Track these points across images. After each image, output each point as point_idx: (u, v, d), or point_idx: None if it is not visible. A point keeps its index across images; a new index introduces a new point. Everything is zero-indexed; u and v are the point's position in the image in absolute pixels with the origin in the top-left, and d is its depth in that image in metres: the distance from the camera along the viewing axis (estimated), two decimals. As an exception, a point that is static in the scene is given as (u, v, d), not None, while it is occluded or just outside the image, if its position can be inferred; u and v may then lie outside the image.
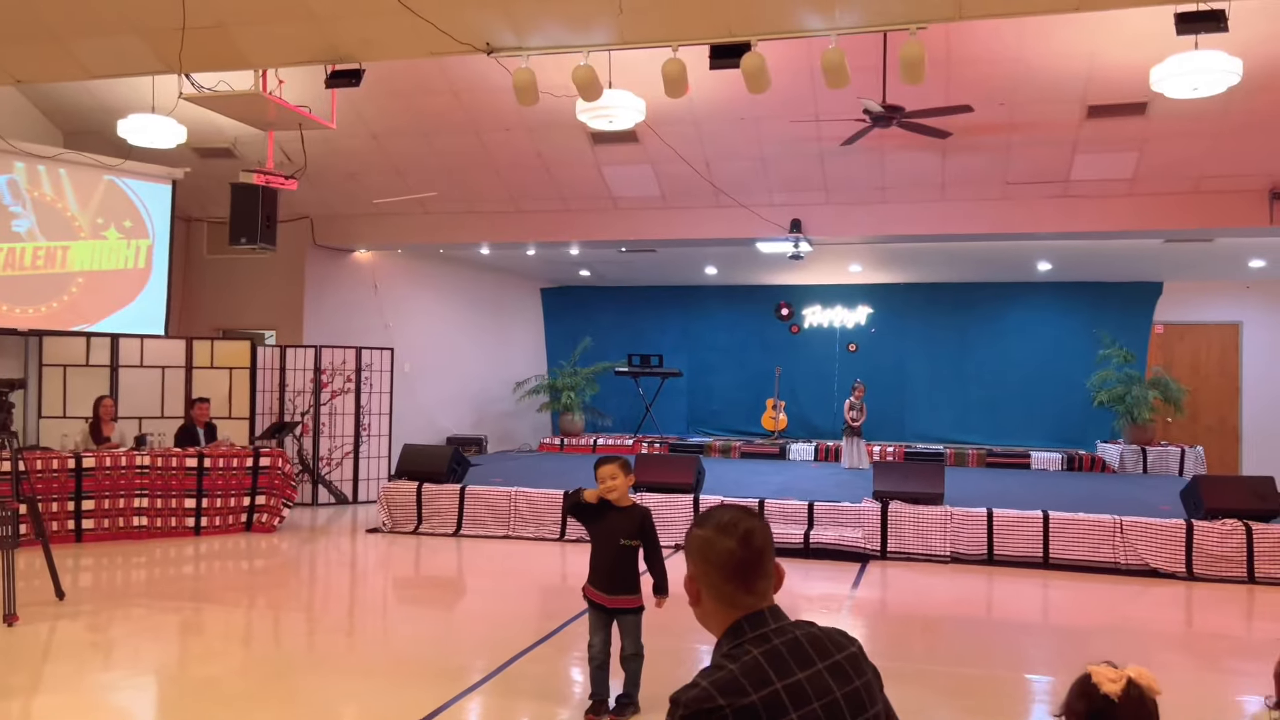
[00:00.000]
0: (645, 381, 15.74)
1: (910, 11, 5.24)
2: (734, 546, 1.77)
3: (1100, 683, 1.86)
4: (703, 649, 5.74)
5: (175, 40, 5.88)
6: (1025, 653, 6.09)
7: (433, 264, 14.46)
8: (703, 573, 1.79)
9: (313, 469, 11.72)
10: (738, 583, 1.77)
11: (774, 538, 1.84)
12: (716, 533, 1.79)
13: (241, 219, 8.91)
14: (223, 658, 5.66)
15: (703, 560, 1.79)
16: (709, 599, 1.79)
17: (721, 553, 1.77)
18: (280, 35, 5.97)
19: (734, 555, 1.77)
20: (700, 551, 1.80)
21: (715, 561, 1.78)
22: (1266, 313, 13.65)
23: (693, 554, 1.82)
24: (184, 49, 5.84)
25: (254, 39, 6.02)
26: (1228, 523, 8.13)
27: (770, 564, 1.80)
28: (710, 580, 1.78)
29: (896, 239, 11.39)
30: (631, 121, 8.38)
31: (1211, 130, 8.97)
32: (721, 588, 1.77)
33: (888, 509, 8.78)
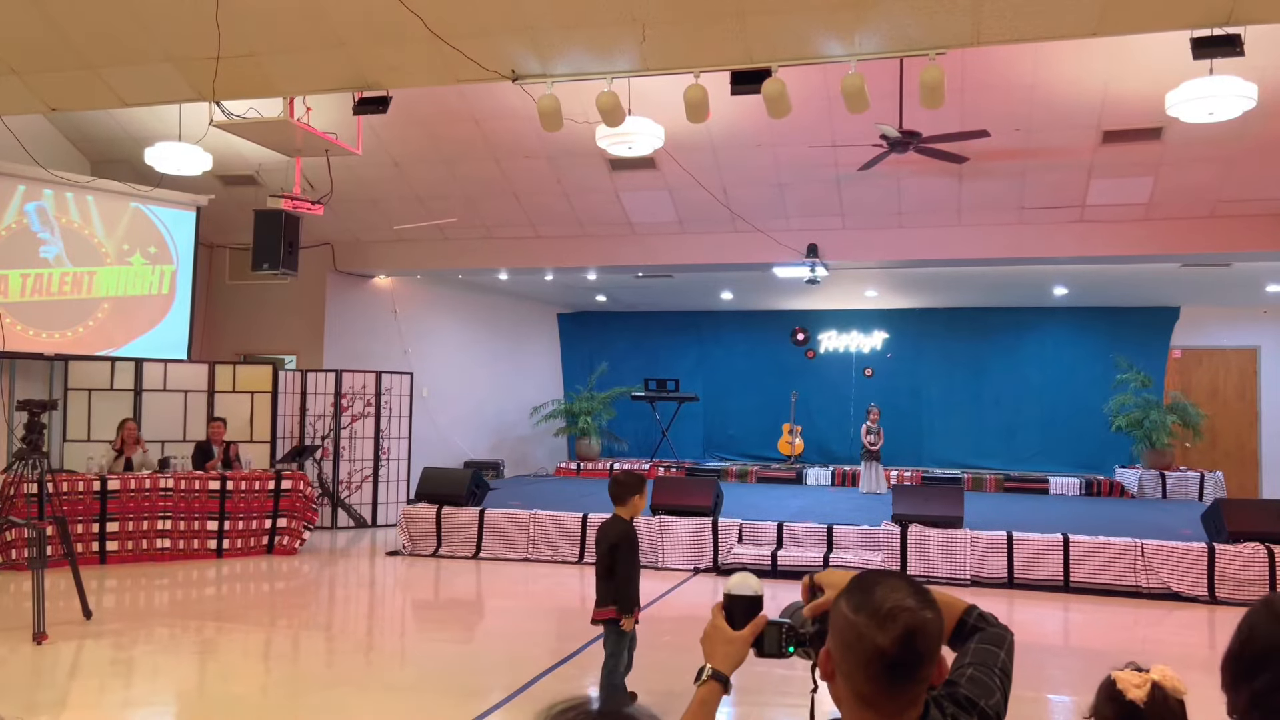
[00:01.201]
0: (661, 406, 15.78)
1: (929, 37, 5.32)
2: (888, 646, 1.37)
3: (1125, 689, 1.87)
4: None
5: (209, 69, 6.01)
6: (1047, 673, 6.07)
7: (451, 289, 14.58)
8: (842, 660, 1.42)
9: (333, 492, 11.78)
10: (881, 685, 1.39)
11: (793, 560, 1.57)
12: (870, 622, 1.38)
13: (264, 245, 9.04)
14: (245, 677, 5.70)
15: (845, 647, 1.41)
16: (844, 689, 1.44)
17: (870, 650, 1.38)
18: (310, 63, 6.10)
19: (885, 656, 1.37)
20: (844, 638, 1.42)
21: (861, 656, 1.39)
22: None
23: (835, 636, 1.45)
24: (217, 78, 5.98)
25: (284, 67, 6.15)
26: (1250, 546, 8.09)
27: (929, 669, 1.42)
28: (849, 673, 1.41)
29: (913, 264, 11.43)
30: (650, 147, 8.48)
31: (1227, 155, 9.01)
32: (862, 688, 1.40)
33: (907, 532, 8.77)
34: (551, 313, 17.08)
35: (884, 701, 1.40)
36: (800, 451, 15.27)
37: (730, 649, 1.63)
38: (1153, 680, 1.86)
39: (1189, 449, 13.95)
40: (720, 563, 9.06)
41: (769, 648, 1.64)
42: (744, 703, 5.15)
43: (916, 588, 1.43)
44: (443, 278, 13.93)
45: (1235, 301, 14.01)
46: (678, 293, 14.88)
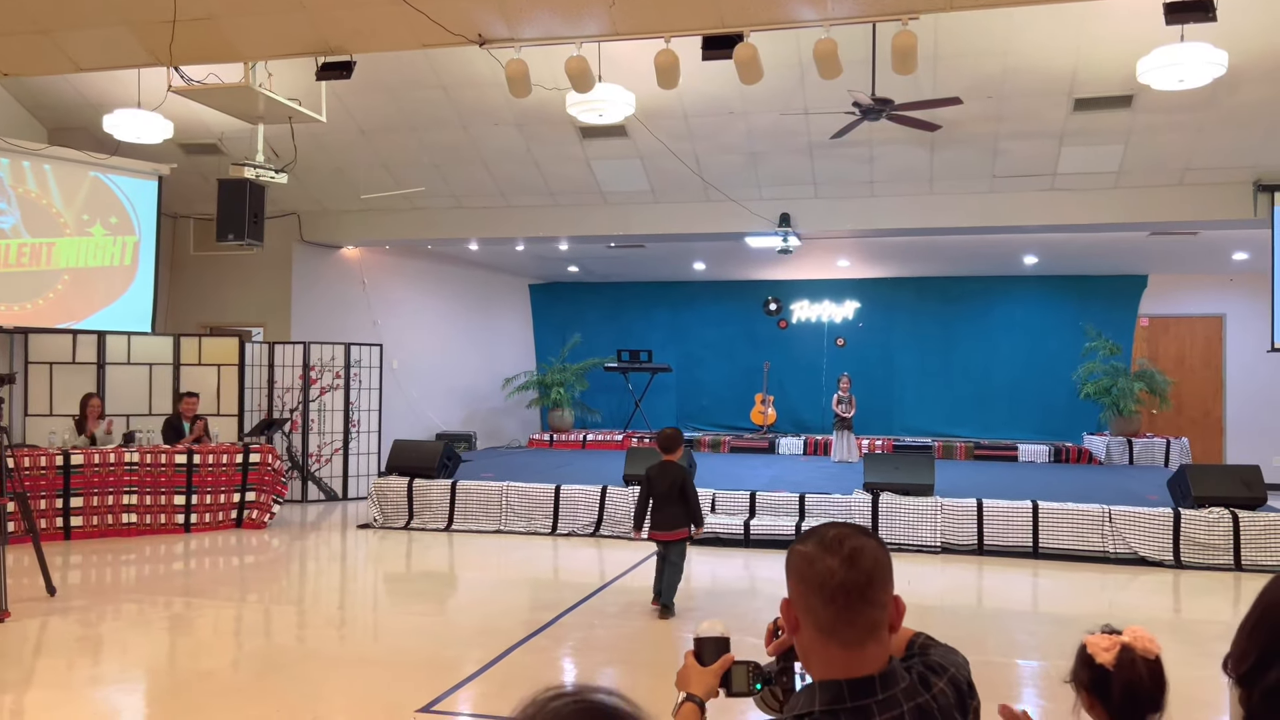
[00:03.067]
0: (634, 377, 15.75)
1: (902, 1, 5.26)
2: (836, 565, 1.49)
3: (1095, 653, 1.87)
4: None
5: (165, 32, 5.84)
6: (1016, 640, 6.13)
7: (421, 260, 14.42)
8: (800, 595, 1.53)
9: (302, 465, 11.68)
10: (839, 607, 1.48)
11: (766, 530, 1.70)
12: (819, 549, 1.51)
13: (229, 215, 8.89)
14: (215, 652, 5.64)
15: (800, 580, 1.53)
16: (808, 628, 1.52)
17: (822, 572, 1.49)
18: (270, 27, 5.95)
19: (834, 575, 1.48)
20: (799, 570, 1.54)
21: (814, 582, 1.50)
22: (1250, 305, 13.75)
23: (791, 573, 1.57)
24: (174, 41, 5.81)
25: (244, 31, 5.99)
26: (1214, 511, 8.21)
27: (882, 594, 1.51)
28: (808, 604, 1.51)
29: (885, 233, 11.42)
30: (621, 115, 8.38)
31: (1197, 123, 9.04)
32: (821, 614, 1.49)
33: (878, 500, 8.82)
34: (523, 284, 16.96)
35: (843, 627, 1.48)
36: (773, 421, 15.31)
37: (702, 680, 1.76)
38: (1122, 643, 1.85)
39: (1156, 416, 14.12)
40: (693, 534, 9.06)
41: (737, 686, 1.76)
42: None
43: (856, 525, 1.57)
44: (412, 248, 13.77)
45: (1202, 270, 14.15)
46: (650, 263, 14.80)
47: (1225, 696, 2.04)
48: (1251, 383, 14.04)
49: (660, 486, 6.38)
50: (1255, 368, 13.75)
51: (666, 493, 6.35)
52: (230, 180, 8.67)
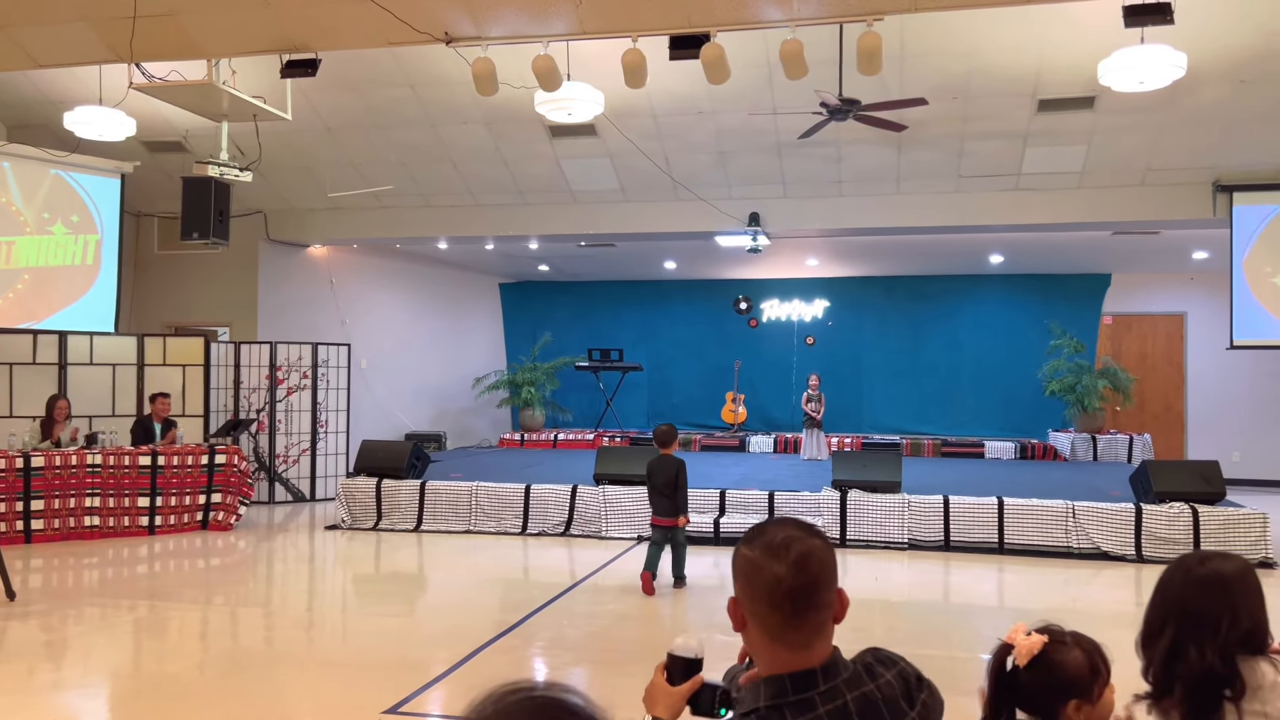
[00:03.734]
0: (605, 376, 15.75)
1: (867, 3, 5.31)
2: (783, 572, 1.49)
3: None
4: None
5: (125, 29, 5.77)
6: (982, 634, 6.20)
7: (389, 259, 14.33)
8: (747, 598, 1.54)
9: (269, 466, 11.57)
10: (786, 614, 1.50)
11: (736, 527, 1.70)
12: (765, 555, 1.51)
13: (193, 213, 8.78)
14: (179, 655, 5.58)
15: (747, 583, 1.54)
16: (755, 629, 1.54)
17: (769, 579, 1.50)
18: (234, 24, 5.89)
19: (782, 583, 1.49)
20: (745, 574, 1.54)
21: (761, 588, 1.51)
22: (1209, 303, 13.99)
23: (738, 575, 1.57)
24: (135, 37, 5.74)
25: (207, 27, 5.93)
26: (1175, 505, 8.34)
27: (828, 594, 1.53)
28: (755, 609, 1.52)
29: (853, 232, 11.51)
30: (590, 114, 8.38)
31: (1157, 124, 9.18)
32: (768, 619, 1.51)
33: (847, 498, 8.89)
34: (493, 283, 16.90)
35: (790, 632, 1.50)
36: (743, 419, 15.37)
37: (669, 700, 1.73)
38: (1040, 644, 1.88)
39: (1119, 412, 14.33)
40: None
41: (703, 707, 1.76)
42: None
43: (802, 524, 1.56)
44: (380, 247, 13.69)
45: (1163, 269, 14.37)
46: (621, 262, 14.81)
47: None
48: (1211, 379, 14.29)
49: (659, 478, 7.07)
50: (1215, 365, 13.99)
51: (665, 483, 7.03)
52: (194, 178, 8.57)
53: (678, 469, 7.05)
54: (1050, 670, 1.83)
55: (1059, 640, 1.86)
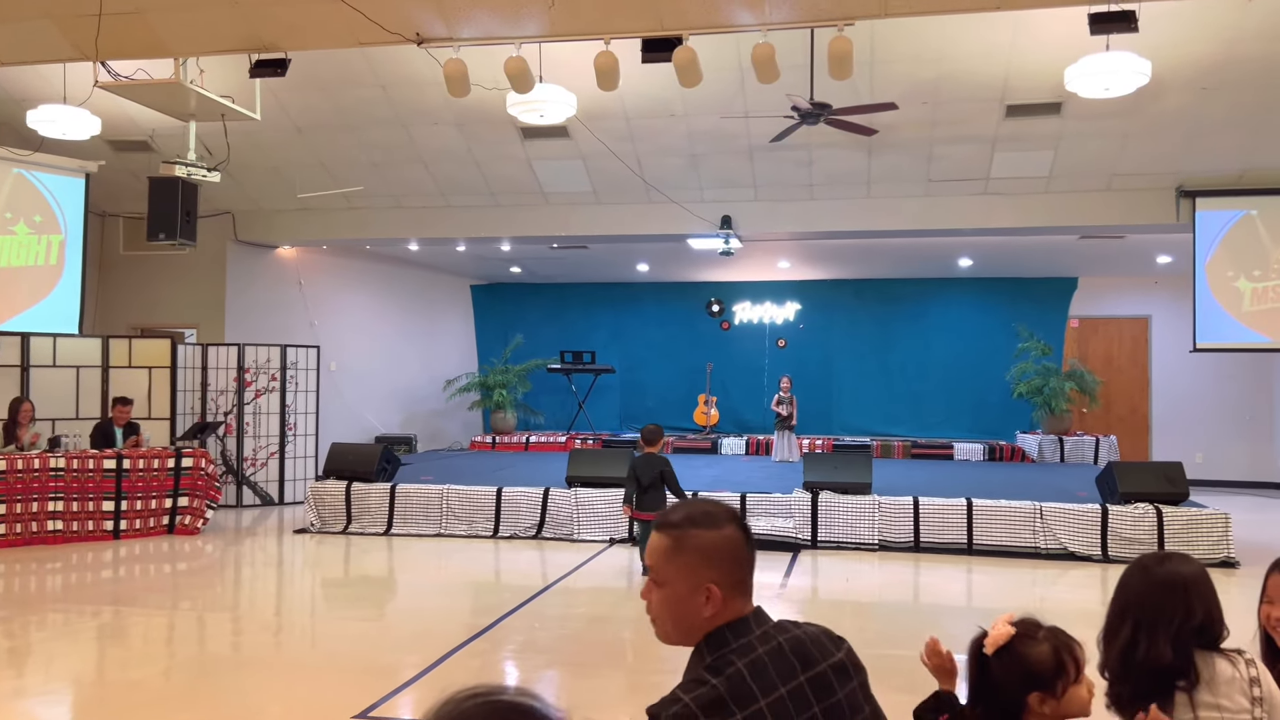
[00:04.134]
0: (578, 378, 15.72)
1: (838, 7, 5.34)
2: (734, 531, 1.68)
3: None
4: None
5: (90, 26, 5.69)
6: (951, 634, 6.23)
7: (359, 260, 14.23)
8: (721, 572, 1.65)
9: (237, 470, 11.45)
10: (746, 563, 1.68)
11: None
12: (710, 529, 1.67)
13: (160, 214, 8.68)
14: (145, 661, 5.51)
15: (706, 561, 1.64)
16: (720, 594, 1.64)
17: (730, 541, 1.67)
18: (202, 22, 5.83)
19: (738, 538, 1.68)
20: (713, 552, 1.66)
21: (727, 553, 1.66)
22: (1173, 306, 14.20)
23: (704, 556, 1.66)
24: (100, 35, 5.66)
25: (174, 26, 5.86)
26: (1140, 506, 8.46)
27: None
28: (721, 574, 1.65)
29: (824, 235, 11.57)
30: (562, 116, 8.37)
31: (1122, 130, 9.31)
32: (734, 574, 1.66)
33: (818, 499, 8.93)
34: (464, 284, 16.82)
35: (748, 575, 1.70)
36: (715, 422, 15.41)
37: None
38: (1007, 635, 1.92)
39: (1086, 414, 14.51)
40: (636, 534, 9.09)
41: None
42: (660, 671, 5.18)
43: (707, 501, 1.78)
44: (350, 248, 13.59)
45: (1128, 272, 14.57)
46: (593, 264, 14.80)
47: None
48: (1175, 382, 14.51)
49: (644, 475, 7.43)
50: (1179, 367, 14.21)
51: (650, 480, 7.42)
52: (161, 178, 8.46)
53: (662, 467, 7.45)
54: (1015, 661, 1.89)
55: (1028, 634, 1.91)
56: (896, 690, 4.91)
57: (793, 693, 1.60)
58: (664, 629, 1.69)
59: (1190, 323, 10.22)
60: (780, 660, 1.62)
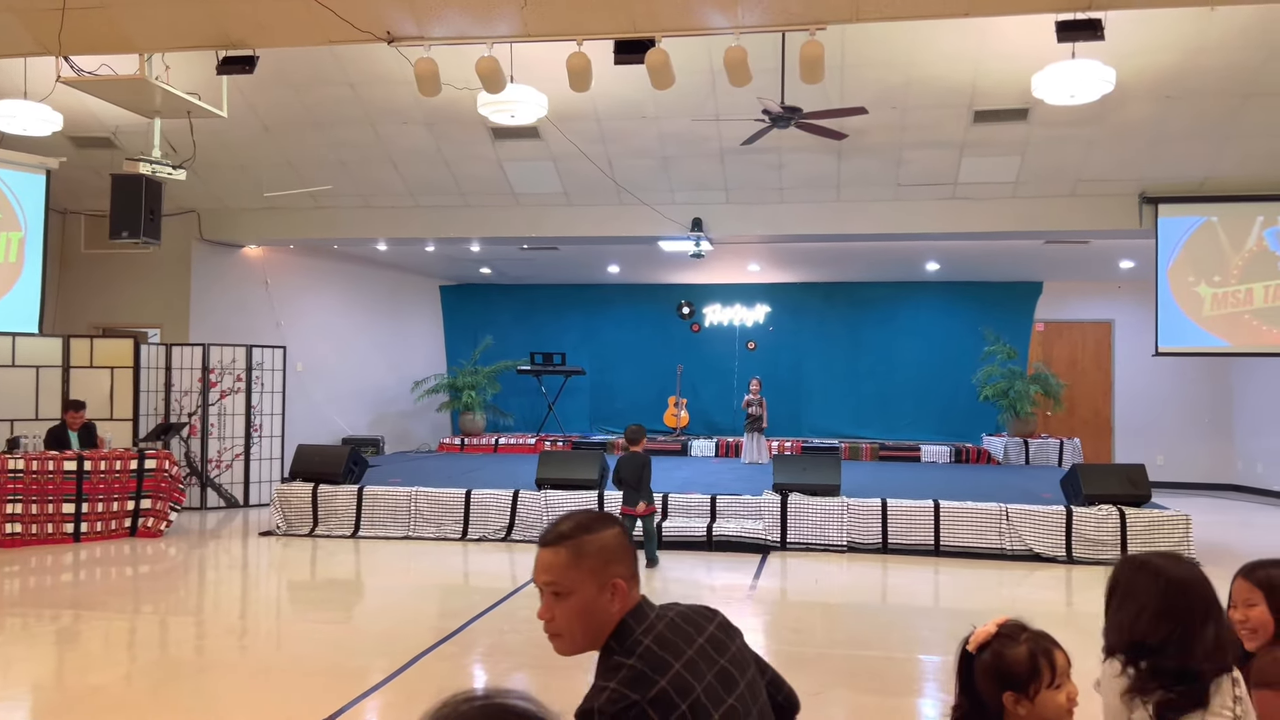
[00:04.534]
0: (548, 380, 15.68)
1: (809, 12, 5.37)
2: (618, 530, 1.86)
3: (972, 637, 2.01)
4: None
5: (54, 21, 5.59)
6: (919, 635, 6.30)
7: (327, 260, 14.10)
8: (616, 569, 1.80)
9: (201, 471, 11.30)
10: (636, 561, 1.86)
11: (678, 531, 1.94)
12: (601, 529, 1.83)
13: (123, 212, 8.55)
14: (106, 666, 5.42)
15: (608, 561, 1.80)
16: (624, 588, 1.80)
17: (620, 539, 1.84)
18: (168, 18, 5.75)
19: (622, 536, 1.86)
20: (605, 554, 1.80)
21: (621, 550, 1.83)
22: (1136, 311, 14.42)
23: (598, 560, 1.80)
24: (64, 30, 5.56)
25: (140, 21, 5.77)
26: (1104, 508, 8.58)
27: None
28: (623, 570, 1.81)
29: (794, 238, 11.63)
30: (534, 116, 8.35)
31: (1087, 136, 9.44)
32: (631, 568, 1.83)
33: (787, 501, 8.96)
34: (433, 285, 16.72)
35: (636, 565, 1.87)
36: (685, 424, 15.43)
37: None
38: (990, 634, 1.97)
39: (1050, 417, 14.69)
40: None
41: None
42: None
43: (583, 510, 1.95)
44: (318, 248, 13.46)
45: (1093, 277, 14.77)
46: (564, 265, 14.77)
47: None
48: (1138, 385, 14.73)
49: (627, 473, 7.87)
50: (1141, 371, 14.43)
51: (632, 477, 7.84)
52: (124, 175, 8.33)
53: (643, 464, 7.85)
54: (993, 659, 1.94)
55: (1010, 635, 1.96)
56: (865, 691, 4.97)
57: (698, 653, 1.76)
58: (572, 639, 1.80)
59: (1152, 327, 10.37)
60: (677, 630, 1.78)
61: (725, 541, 8.80)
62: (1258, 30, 7.91)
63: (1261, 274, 9.97)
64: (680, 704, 1.65)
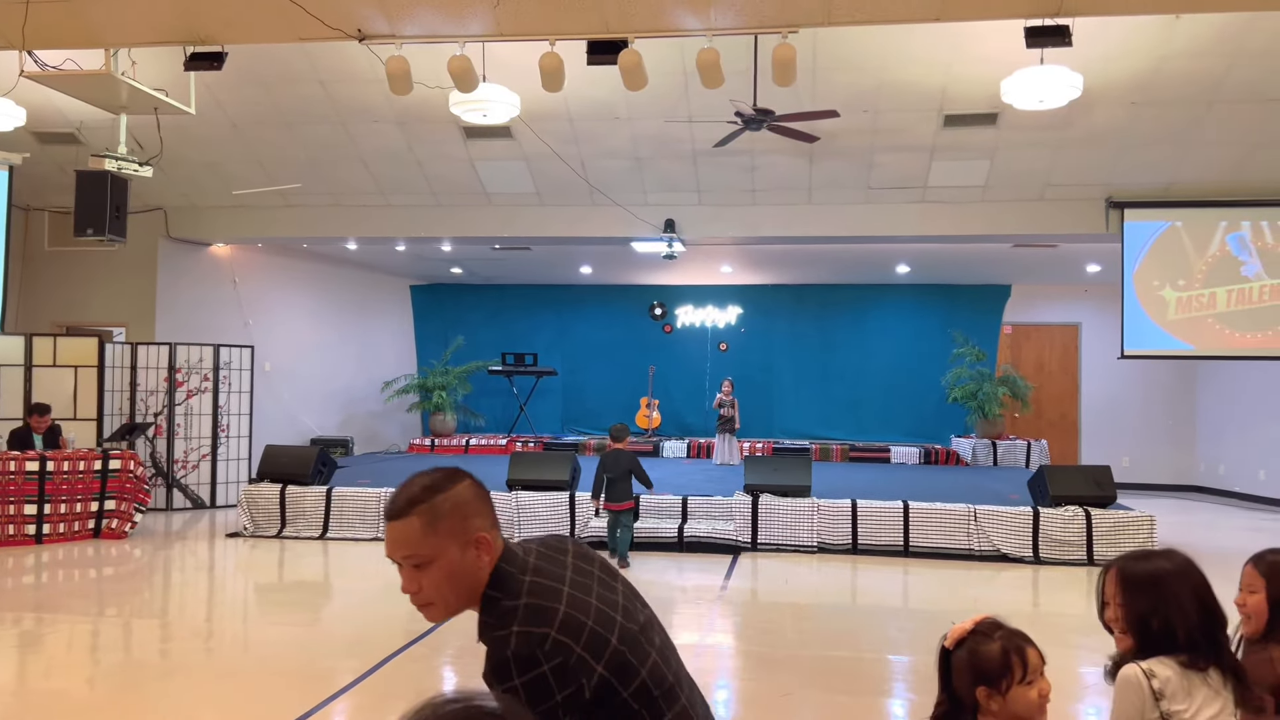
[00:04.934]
0: (519, 380, 15.63)
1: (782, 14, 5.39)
2: (472, 480, 1.78)
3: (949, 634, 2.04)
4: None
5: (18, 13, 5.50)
6: (888, 635, 6.34)
7: (296, 259, 13.97)
8: (479, 521, 1.73)
9: (167, 472, 11.16)
10: (493, 507, 1.81)
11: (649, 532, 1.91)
12: (453, 481, 1.74)
13: (88, 209, 8.41)
14: (69, 670, 5.33)
15: (468, 515, 1.72)
16: (492, 540, 1.73)
17: (475, 491, 1.76)
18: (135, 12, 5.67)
19: (478, 485, 1.79)
20: (459, 510, 1.71)
21: (480, 502, 1.76)
22: (1102, 314, 14.62)
23: (456, 519, 1.71)
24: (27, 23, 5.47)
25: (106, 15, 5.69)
26: (1070, 509, 8.68)
27: None
28: (488, 522, 1.75)
29: (766, 240, 11.67)
30: (506, 116, 8.32)
31: (1055, 141, 9.55)
32: (494, 518, 1.78)
33: (758, 502, 8.99)
34: (404, 284, 16.62)
35: (495, 514, 1.81)
36: (657, 425, 15.44)
37: None
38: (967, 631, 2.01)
39: (1018, 419, 14.85)
40: (578, 536, 9.07)
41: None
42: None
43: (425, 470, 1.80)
44: (287, 246, 13.33)
45: (1060, 280, 14.95)
46: (536, 266, 14.73)
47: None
48: (1103, 388, 14.92)
49: (612, 468, 8.15)
50: (1107, 373, 14.62)
51: (617, 473, 8.12)
52: (89, 172, 8.20)
53: (631, 460, 8.23)
54: (967, 656, 1.99)
55: (985, 631, 2.01)
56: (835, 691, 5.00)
57: (574, 569, 1.77)
58: (444, 604, 1.74)
59: (1118, 330, 10.51)
60: (546, 557, 1.78)
61: (696, 542, 8.82)
62: (1220, 38, 8.04)
63: (1224, 279, 10.14)
64: (586, 620, 1.65)
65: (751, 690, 5.10)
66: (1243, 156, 9.58)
